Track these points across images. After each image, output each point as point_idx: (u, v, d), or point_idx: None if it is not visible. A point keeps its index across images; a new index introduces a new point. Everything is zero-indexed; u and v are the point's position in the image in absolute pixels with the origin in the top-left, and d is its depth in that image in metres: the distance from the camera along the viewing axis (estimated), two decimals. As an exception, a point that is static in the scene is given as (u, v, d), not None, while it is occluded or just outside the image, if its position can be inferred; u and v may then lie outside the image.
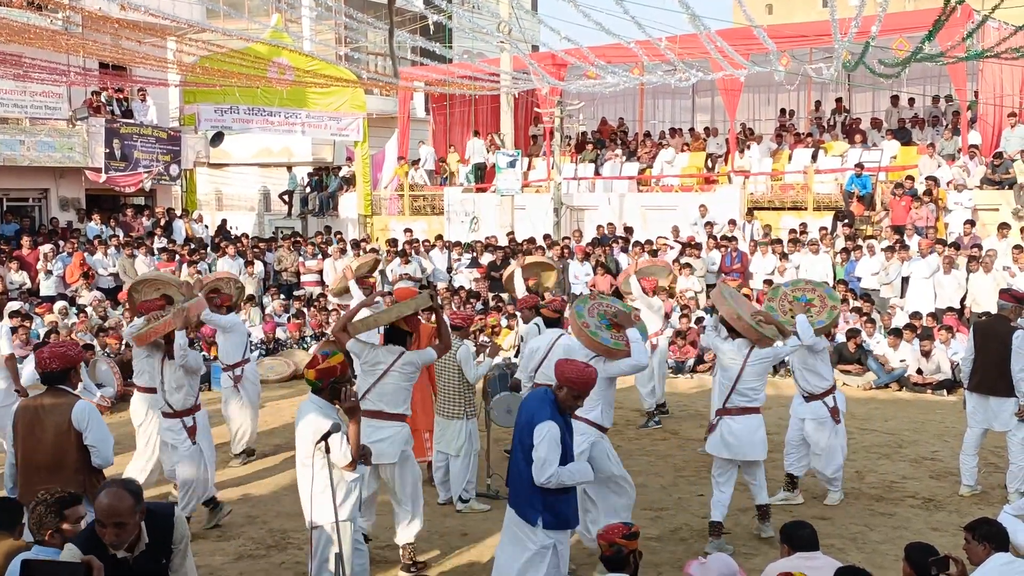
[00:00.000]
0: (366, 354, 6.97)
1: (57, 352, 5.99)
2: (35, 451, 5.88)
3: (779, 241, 17.90)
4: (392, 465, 6.95)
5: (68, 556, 3.93)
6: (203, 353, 14.45)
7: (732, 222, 19.12)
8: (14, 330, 13.53)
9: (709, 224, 19.20)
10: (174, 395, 8.01)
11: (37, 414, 5.89)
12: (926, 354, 13.59)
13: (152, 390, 8.55)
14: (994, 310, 10.37)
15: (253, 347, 15.15)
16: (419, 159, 26.29)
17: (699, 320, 15.25)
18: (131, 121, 21.62)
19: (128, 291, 9.17)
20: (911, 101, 22.23)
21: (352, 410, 5.64)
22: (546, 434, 5.52)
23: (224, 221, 24.01)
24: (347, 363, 5.85)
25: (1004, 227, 16.22)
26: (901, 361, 13.89)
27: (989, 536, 5.11)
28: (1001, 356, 8.35)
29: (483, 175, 24.95)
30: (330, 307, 16.39)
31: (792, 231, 18.21)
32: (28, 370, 10.34)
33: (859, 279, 16.55)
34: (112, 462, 5.97)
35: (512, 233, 20.77)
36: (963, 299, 15.32)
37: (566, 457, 5.63)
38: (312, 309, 16.75)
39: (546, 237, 20.05)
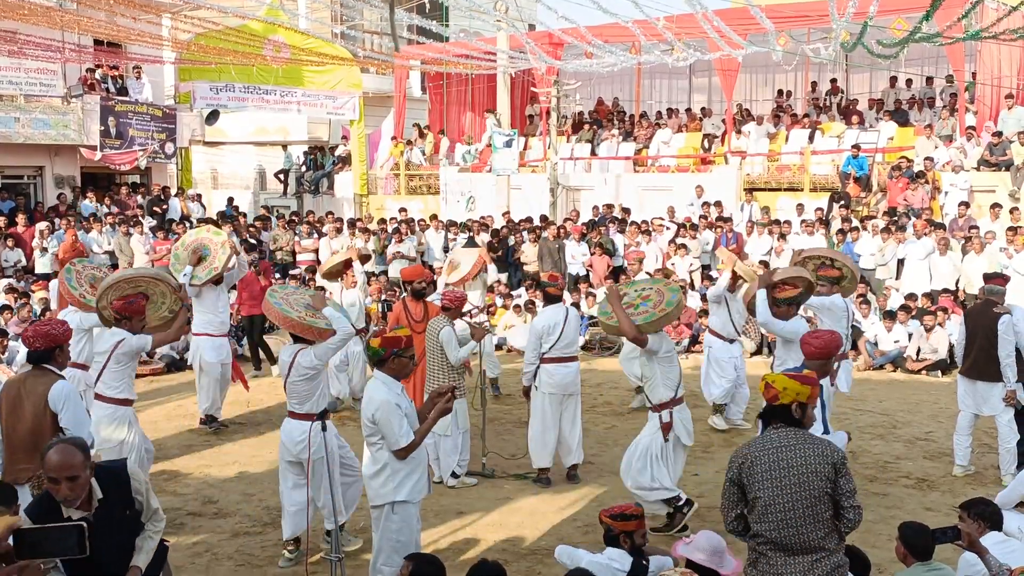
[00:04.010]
0: (665, 345, 7.43)
1: (41, 331, 5.85)
2: (15, 430, 5.73)
3: (776, 222, 17.86)
4: None
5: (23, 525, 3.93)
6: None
7: (718, 203, 19.07)
8: (8, 308, 13.55)
9: (707, 204, 19.14)
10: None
11: (19, 392, 5.74)
12: (930, 330, 13.57)
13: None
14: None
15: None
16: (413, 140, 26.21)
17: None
18: (126, 99, 21.52)
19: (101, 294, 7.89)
20: (908, 82, 22.18)
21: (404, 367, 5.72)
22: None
23: (199, 196, 23.61)
24: (411, 339, 5.85)
25: (996, 207, 16.23)
26: (895, 342, 13.92)
27: (984, 515, 5.15)
28: (990, 341, 8.40)
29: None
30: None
31: (804, 221, 17.67)
32: (24, 351, 10.30)
33: (859, 257, 16.50)
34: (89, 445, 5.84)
35: (508, 213, 20.74)
36: (959, 280, 15.34)
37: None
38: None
39: (543, 218, 20.02)
